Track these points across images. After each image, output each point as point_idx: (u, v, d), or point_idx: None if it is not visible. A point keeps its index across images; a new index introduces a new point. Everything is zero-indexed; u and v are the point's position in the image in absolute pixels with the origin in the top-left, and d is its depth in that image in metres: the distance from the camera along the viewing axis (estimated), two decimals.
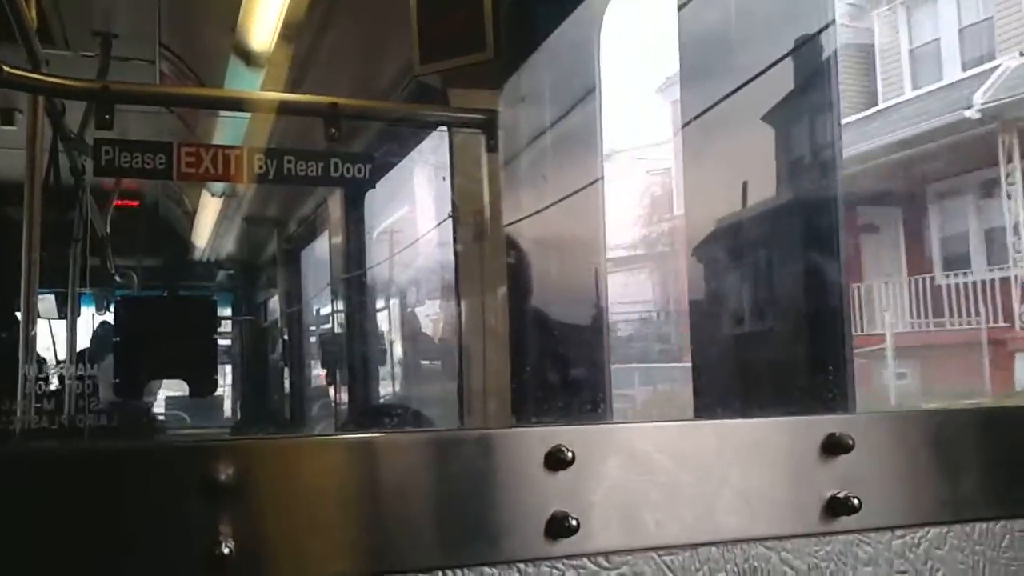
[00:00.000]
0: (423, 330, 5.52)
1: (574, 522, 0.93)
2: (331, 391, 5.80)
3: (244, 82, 3.86)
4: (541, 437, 0.95)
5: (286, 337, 6.85)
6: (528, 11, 2.72)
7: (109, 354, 3.90)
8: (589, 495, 0.95)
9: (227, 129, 4.07)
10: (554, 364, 2.56)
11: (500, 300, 2.78)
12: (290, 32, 3.48)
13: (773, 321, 1.73)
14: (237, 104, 3.40)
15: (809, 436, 1.05)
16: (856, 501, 1.04)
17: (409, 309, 5.70)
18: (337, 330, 5.76)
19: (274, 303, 7.37)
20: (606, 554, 0.95)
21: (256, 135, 3.58)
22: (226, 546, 0.81)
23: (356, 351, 5.41)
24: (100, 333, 4.70)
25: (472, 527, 0.92)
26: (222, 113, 4.01)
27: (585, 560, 0.95)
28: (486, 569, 0.91)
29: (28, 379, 2.56)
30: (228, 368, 7.32)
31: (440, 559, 0.90)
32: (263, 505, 0.85)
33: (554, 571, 0.94)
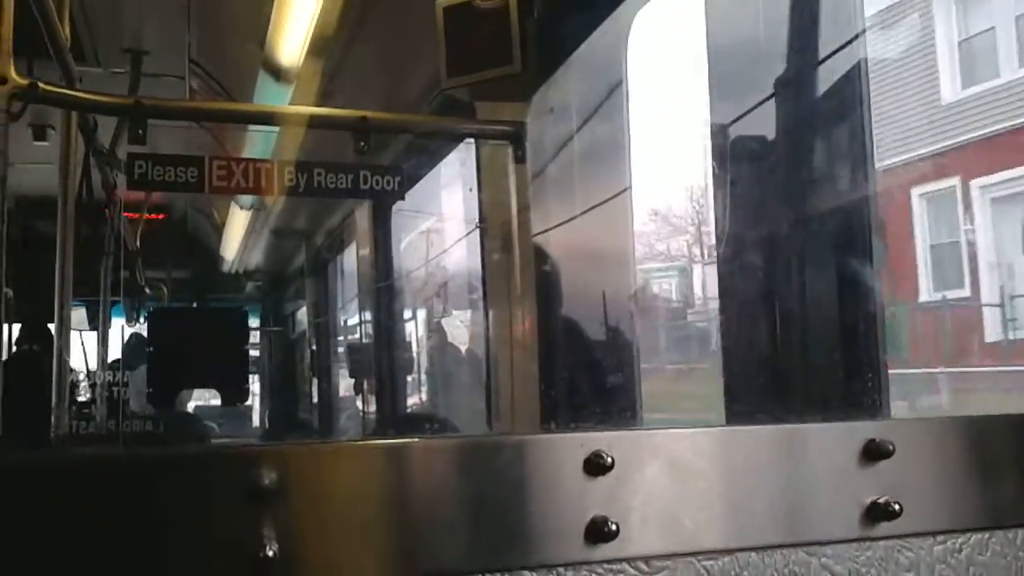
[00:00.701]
0: (451, 340, 5.54)
1: (614, 527, 0.93)
2: (359, 401, 5.82)
3: (273, 97, 3.90)
4: (580, 443, 0.95)
5: (314, 347, 6.89)
6: (555, 24, 2.73)
7: (141, 364, 3.94)
8: (628, 500, 0.95)
9: (257, 144, 4.11)
10: (584, 373, 2.56)
11: (529, 309, 2.78)
12: (319, 47, 3.51)
13: (808, 327, 1.73)
14: (267, 118, 3.43)
15: (848, 441, 1.04)
16: (897, 506, 1.03)
17: (437, 319, 5.72)
18: (365, 340, 5.79)
19: (302, 314, 7.41)
20: (646, 559, 0.95)
21: (286, 149, 3.62)
22: (270, 549, 0.82)
23: (384, 361, 5.43)
24: (133, 342, 4.76)
25: (511, 531, 0.92)
26: (251, 128, 4.05)
27: (625, 565, 0.95)
28: (525, 573, 0.92)
29: (62, 387, 2.60)
30: (257, 378, 7.36)
31: (480, 563, 0.90)
32: (305, 509, 0.86)
33: (593, 575, 0.94)
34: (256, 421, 6.91)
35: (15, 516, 0.79)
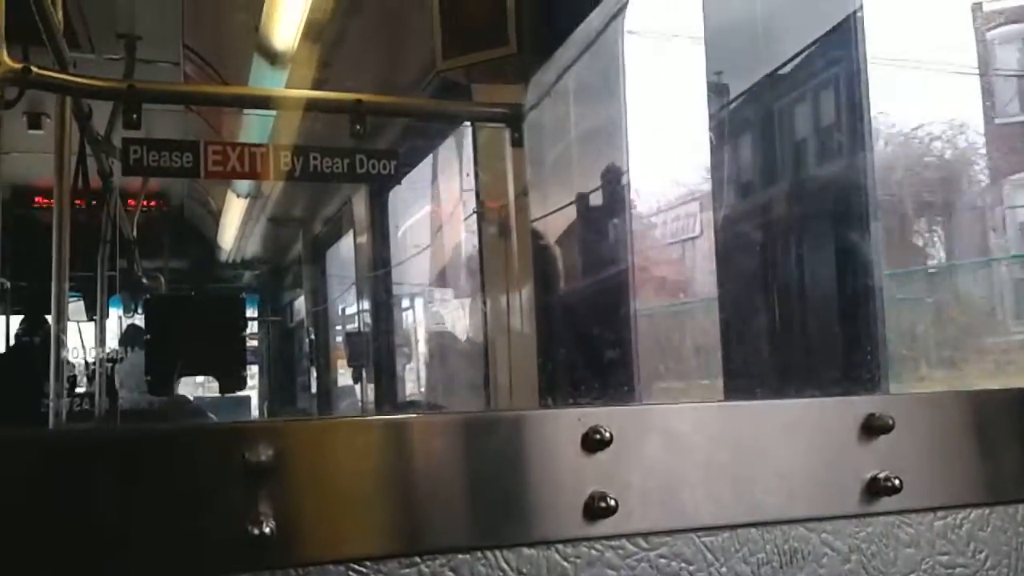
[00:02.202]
0: (449, 327, 5.53)
1: (612, 502, 0.92)
2: (358, 389, 5.82)
3: (268, 82, 3.88)
4: (578, 418, 0.94)
5: (312, 336, 6.88)
6: (551, 3, 2.71)
7: (138, 356, 3.93)
8: (627, 476, 0.94)
9: (253, 129, 4.09)
10: (583, 352, 2.55)
11: (527, 293, 2.77)
12: (313, 30, 3.49)
13: (807, 302, 1.72)
14: (262, 102, 3.41)
15: (848, 416, 1.04)
16: (897, 482, 1.02)
17: (435, 306, 5.71)
18: (363, 328, 5.78)
19: (300, 303, 7.40)
20: (645, 535, 0.95)
21: (282, 134, 3.60)
22: (267, 526, 0.81)
23: (383, 349, 5.42)
24: (130, 333, 4.74)
25: (510, 508, 0.91)
26: (247, 113, 4.04)
27: (624, 541, 0.94)
28: (524, 550, 0.91)
29: (61, 367, 2.59)
30: (256, 368, 7.35)
31: (478, 539, 0.90)
32: (302, 486, 0.85)
33: (593, 552, 0.93)
34: (255, 411, 6.91)
35: (13, 489, 0.78)
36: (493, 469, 0.91)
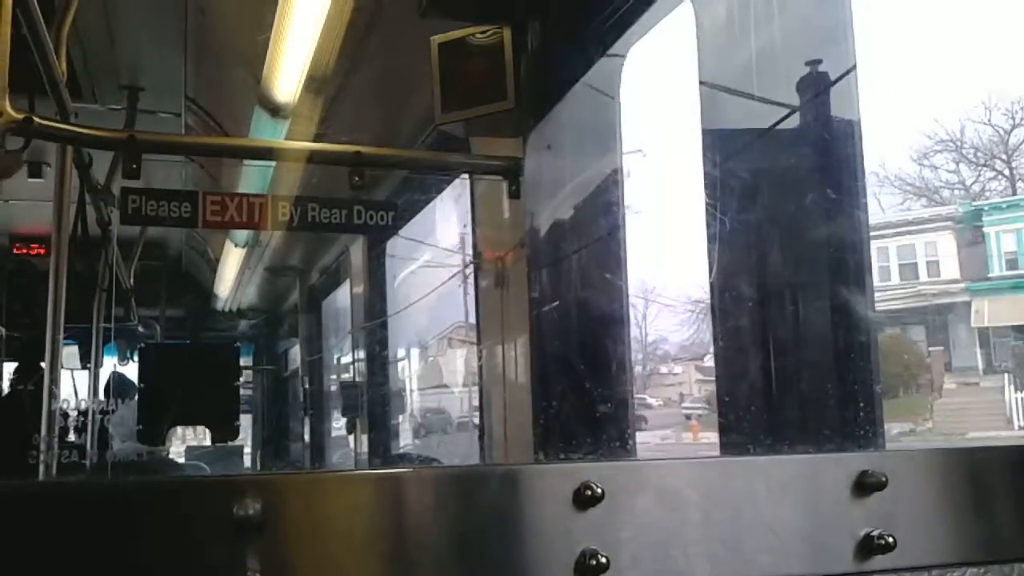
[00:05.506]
0: (444, 377, 5.51)
1: (604, 560, 0.91)
2: (351, 439, 5.78)
3: (269, 133, 3.91)
4: (569, 473, 0.93)
5: (307, 385, 6.85)
6: (549, 60, 2.74)
7: (127, 402, 3.90)
8: (619, 532, 0.93)
9: (253, 179, 4.11)
10: (578, 405, 2.54)
11: (522, 343, 2.77)
12: (314, 83, 3.53)
13: (802, 359, 1.71)
14: (262, 153, 3.44)
15: (841, 473, 1.03)
16: (891, 539, 1.01)
17: (432, 356, 5.69)
18: (358, 379, 5.76)
19: (295, 352, 7.38)
20: None
21: (281, 184, 3.62)
22: None
23: (378, 400, 5.40)
24: (118, 383, 4.71)
25: (500, 564, 0.90)
26: (247, 164, 4.06)
27: None
28: None
29: (54, 418, 2.57)
30: (250, 417, 7.30)
31: None
32: (291, 539, 0.85)
33: None
34: (247, 461, 6.85)
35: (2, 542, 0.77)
36: (483, 525, 0.90)
